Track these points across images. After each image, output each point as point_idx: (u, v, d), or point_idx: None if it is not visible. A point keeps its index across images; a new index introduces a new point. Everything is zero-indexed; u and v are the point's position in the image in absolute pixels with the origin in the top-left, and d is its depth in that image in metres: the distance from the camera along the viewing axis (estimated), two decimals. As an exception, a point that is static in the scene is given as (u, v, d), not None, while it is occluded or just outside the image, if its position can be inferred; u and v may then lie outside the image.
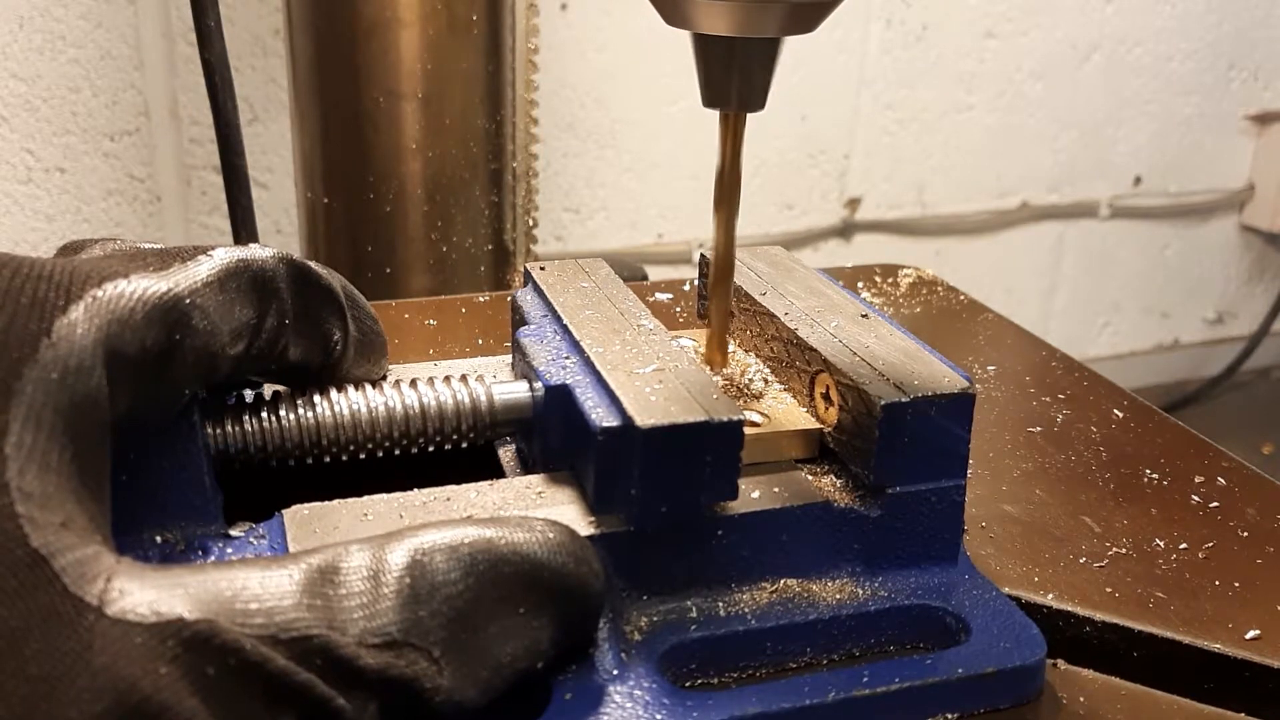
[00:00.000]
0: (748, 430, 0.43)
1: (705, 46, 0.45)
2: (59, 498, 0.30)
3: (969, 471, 0.46)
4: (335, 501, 0.42)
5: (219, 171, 1.12)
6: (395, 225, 1.20)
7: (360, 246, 1.21)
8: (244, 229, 1.11)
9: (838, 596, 0.44)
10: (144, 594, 0.29)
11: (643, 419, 0.40)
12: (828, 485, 0.45)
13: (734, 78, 0.45)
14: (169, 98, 1.53)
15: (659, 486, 0.40)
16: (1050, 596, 0.47)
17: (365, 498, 0.42)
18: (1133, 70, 2.17)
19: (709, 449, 0.40)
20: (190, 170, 1.58)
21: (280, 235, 1.65)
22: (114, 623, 0.28)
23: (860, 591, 0.44)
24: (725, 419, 0.40)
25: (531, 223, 1.33)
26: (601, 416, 0.41)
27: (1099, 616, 0.46)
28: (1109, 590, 0.47)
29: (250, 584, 0.30)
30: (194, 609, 0.29)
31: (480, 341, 0.69)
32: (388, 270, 1.21)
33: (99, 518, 0.32)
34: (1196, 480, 0.56)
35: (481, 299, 0.76)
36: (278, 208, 1.64)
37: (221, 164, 1.09)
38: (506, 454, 0.49)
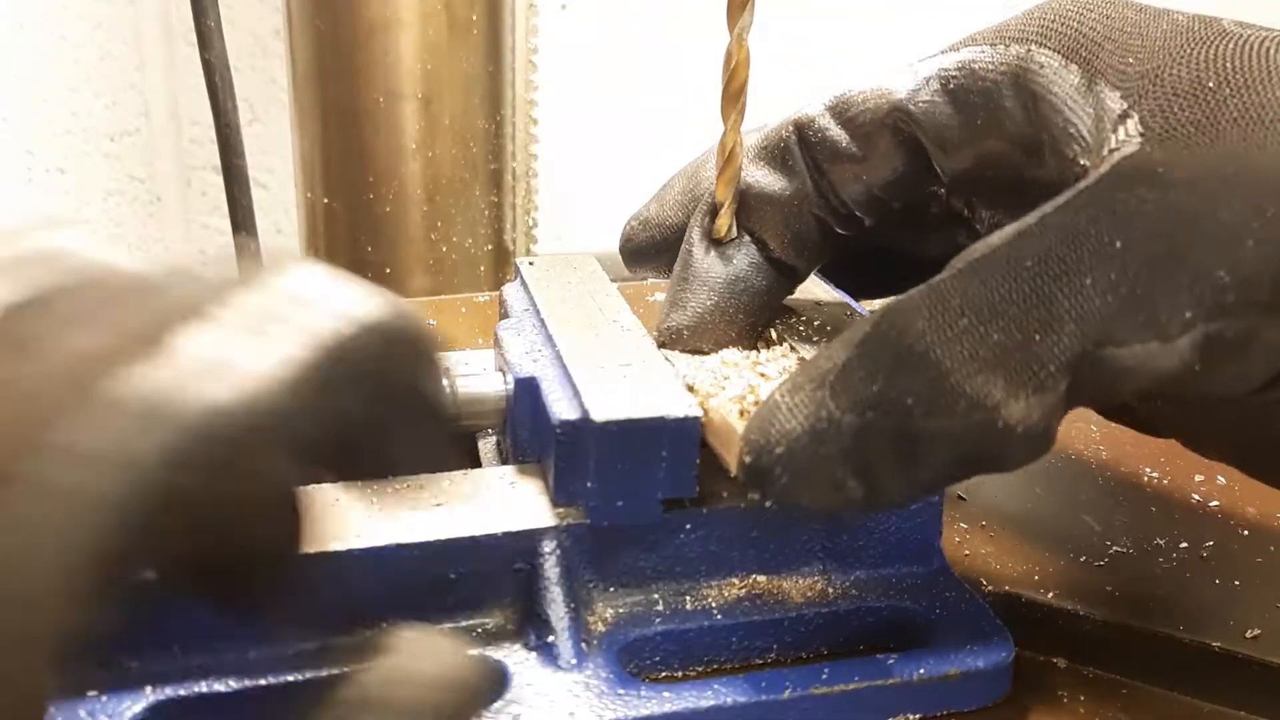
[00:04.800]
0: (713, 426, 0.43)
1: None
2: None
3: (969, 470, 0.45)
4: (305, 487, 0.42)
5: (219, 172, 1.12)
6: (395, 225, 1.19)
7: (360, 247, 1.21)
8: (244, 229, 1.11)
9: (807, 594, 0.44)
10: None
11: (598, 412, 0.40)
12: (809, 482, 0.45)
13: None
14: (169, 98, 1.53)
15: (615, 481, 0.40)
16: (1050, 594, 0.47)
17: (336, 484, 0.42)
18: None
19: (666, 445, 0.40)
20: (190, 171, 1.58)
21: (280, 235, 1.65)
22: None
23: (831, 590, 0.44)
24: (681, 415, 0.40)
25: (531, 223, 1.33)
26: (562, 409, 0.41)
27: (1099, 614, 0.46)
28: (1109, 588, 0.47)
29: None
30: None
31: (480, 341, 0.69)
32: (387, 270, 1.21)
33: None
34: (1197, 479, 0.56)
35: (481, 299, 0.76)
36: (278, 208, 1.63)
37: (222, 164, 1.09)
38: (486, 446, 0.50)
